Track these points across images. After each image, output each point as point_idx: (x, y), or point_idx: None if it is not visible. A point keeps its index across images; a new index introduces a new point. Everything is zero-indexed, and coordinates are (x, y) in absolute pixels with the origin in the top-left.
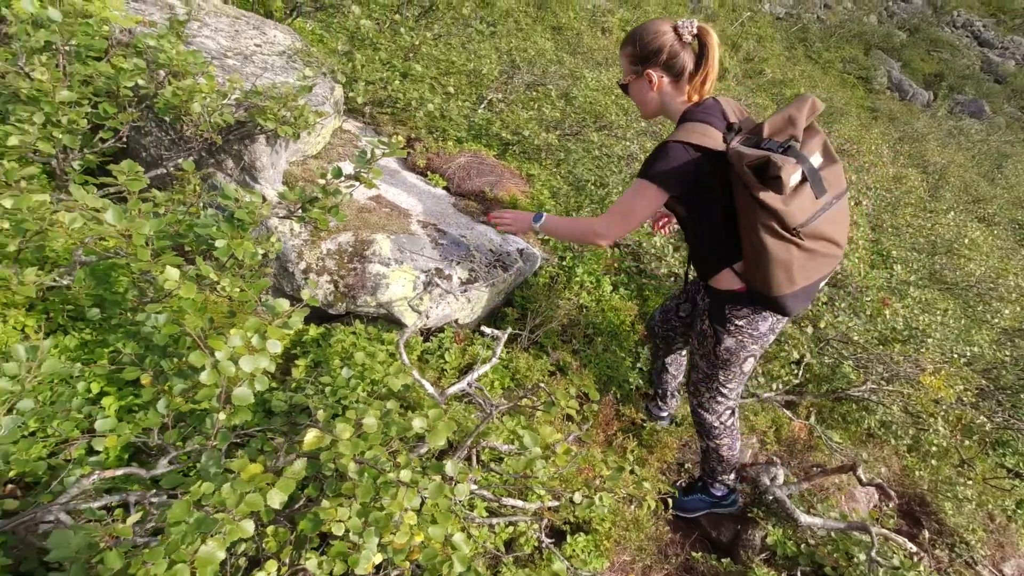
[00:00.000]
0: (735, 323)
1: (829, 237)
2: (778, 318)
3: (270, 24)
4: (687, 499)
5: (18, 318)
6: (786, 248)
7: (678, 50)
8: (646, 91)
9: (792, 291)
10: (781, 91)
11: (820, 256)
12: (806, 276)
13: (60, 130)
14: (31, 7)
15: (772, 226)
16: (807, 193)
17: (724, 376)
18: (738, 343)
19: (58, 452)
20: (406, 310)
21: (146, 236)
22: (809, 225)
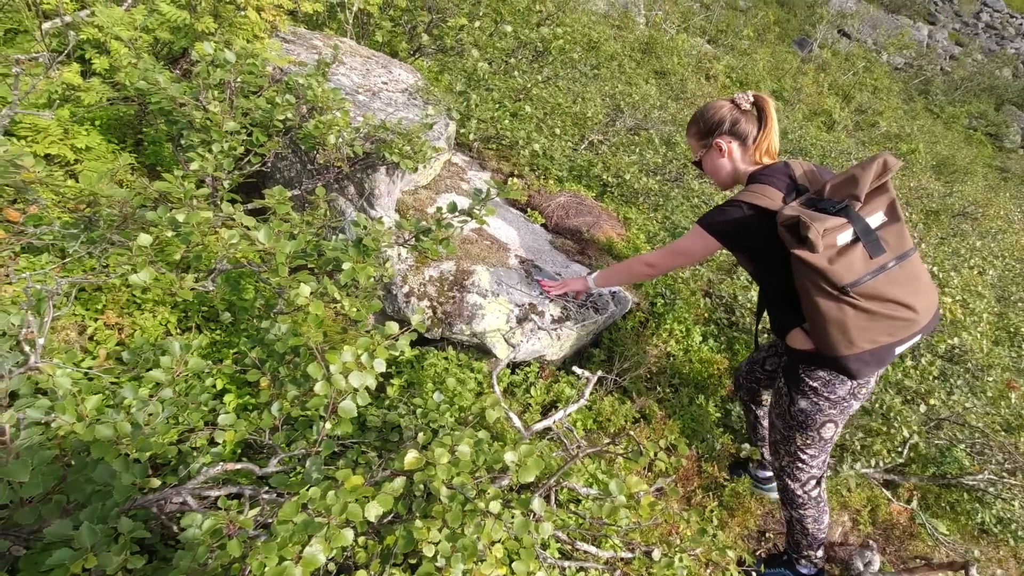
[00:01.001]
0: (810, 384)
1: (894, 299)
2: (858, 382)
3: (396, 63)
4: (770, 572)
5: (164, 315)
6: (839, 308)
7: (739, 117)
8: (717, 159)
9: (853, 352)
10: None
11: (885, 319)
12: (870, 339)
13: (224, 155)
14: (210, 48)
15: (820, 285)
16: (859, 253)
17: (801, 440)
18: (813, 405)
19: (185, 440)
20: (499, 341)
21: (286, 255)
22: (862, 285)
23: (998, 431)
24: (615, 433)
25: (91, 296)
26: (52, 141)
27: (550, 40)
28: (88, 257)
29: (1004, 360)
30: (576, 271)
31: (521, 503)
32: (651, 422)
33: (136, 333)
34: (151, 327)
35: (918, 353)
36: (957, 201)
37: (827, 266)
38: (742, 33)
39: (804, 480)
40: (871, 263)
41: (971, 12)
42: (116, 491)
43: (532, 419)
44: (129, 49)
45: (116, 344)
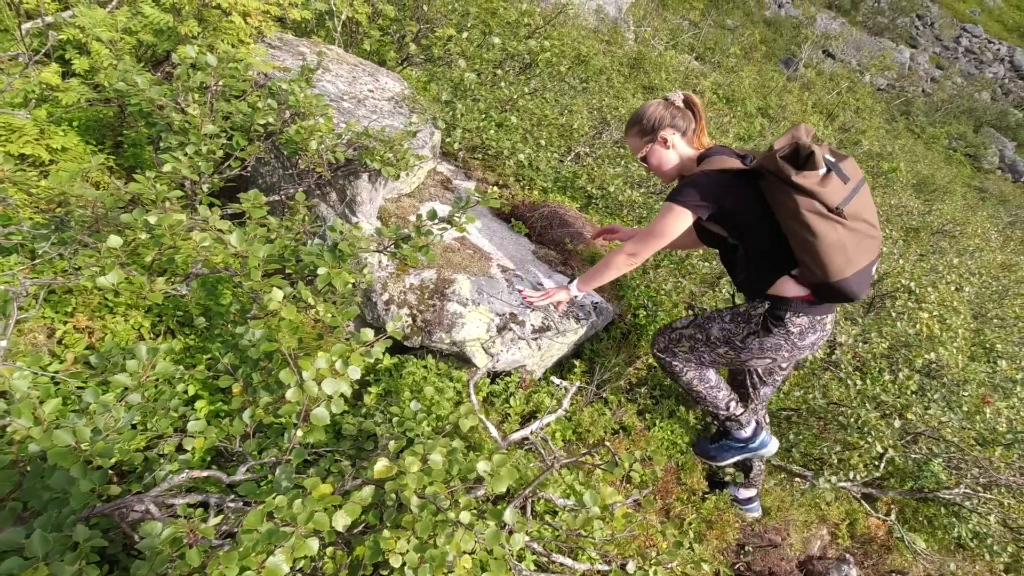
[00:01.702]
0: (788, 328)
1: (866, 219)
2: (823, 334)
3: (383, 72)
4: (713, 446)
5: (137, 318)
6: (834, 228)
7: (676, 112)
8: (663, 152)
9: (853, 272)
10: (878, 163)
11: (865, 237)
12: (860, 258)
13: (201, 158)
14: (193, 52)
15: (817, 208)
16: (835, 179)
17: (725, 352)
18: (774, 346)
19: (152, 446)
20: (478, 351)
21: (260, 259)
22: (847, 205)
23: (973, 446)
24: (594, 444)
25: (61, 298)
26: (27, 141)
27: (538, 53)
28: (59, 259)
29: (979, 376)
30: (559, 281)
31: (494, 514)
32: (631, 434)
33: (107, 337)
34: (123, 331)
35: (896, 367)
36: (936, 219)
37: (820, 189)
38: (729, 51)
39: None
40: (846, 187)
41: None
42: (73, 498)
43: (511, 429)
44: (110, 50)
45: (85, 348)
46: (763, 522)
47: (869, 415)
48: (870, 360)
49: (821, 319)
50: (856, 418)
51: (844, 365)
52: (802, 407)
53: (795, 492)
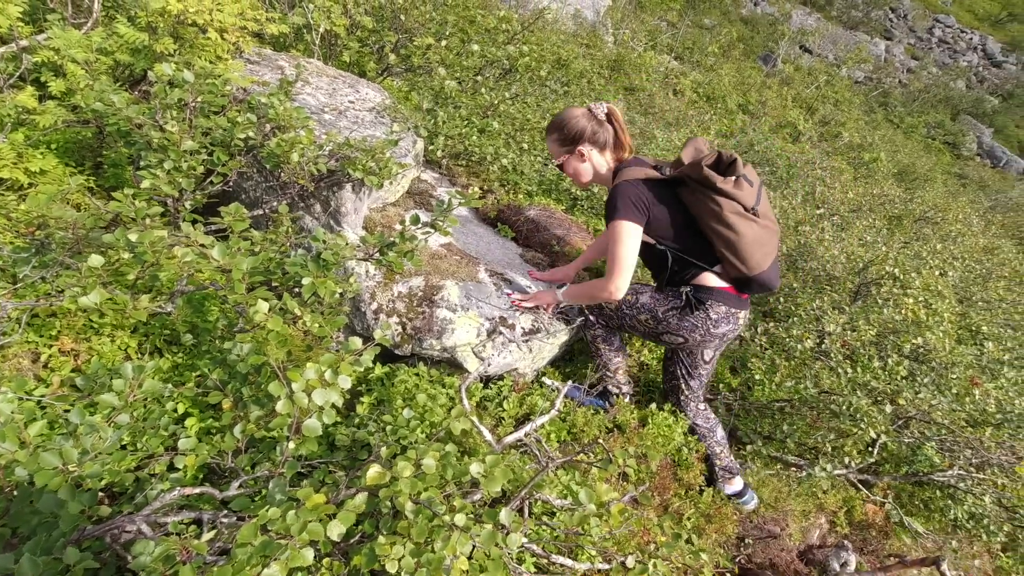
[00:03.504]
0: (709, 314)
1: (767, 215)
2: (734, 327)
3: (363, 83)
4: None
5: (123, 339)
6: (751, 226)
7: (597, 127)
8: (579, 164)
9: (768, 265)
10: (859, 155)
11: (772, 233)
12: (773, 251)
13: (181, 175)
14: (169, 69)
15: (737, 209)
16: (744, 183)
17: (646, 322)
18: (690, 326)
19: (143, 466)
20: (469, 356)
21: (243, 272)
22: (758, 206)
23: (964, 427)
24: (588, 443)
25: (45, 322)
26: (4, 165)
27: (517, 58)
28: (41, 282)
29: (967, 358)
30: (548, 284)
31: (490, 515)
32: (625, 431)
33: (93, 359)
34: (109, 352)
35: (885, 353)
36: (918, 207)
37: (738, 192)
38: (707, 50)
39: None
40: (753, 189)
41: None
42: (62, 521)
43: (505, 432)
44: (86, 71)
45: (72, 371)
46: (762, 513)
47: (860, 402)
48: (859, 348)
49: (736, 312)
50: (848, 405)
51: (834, 354)
52: (794, 397)
53: (792, 482)
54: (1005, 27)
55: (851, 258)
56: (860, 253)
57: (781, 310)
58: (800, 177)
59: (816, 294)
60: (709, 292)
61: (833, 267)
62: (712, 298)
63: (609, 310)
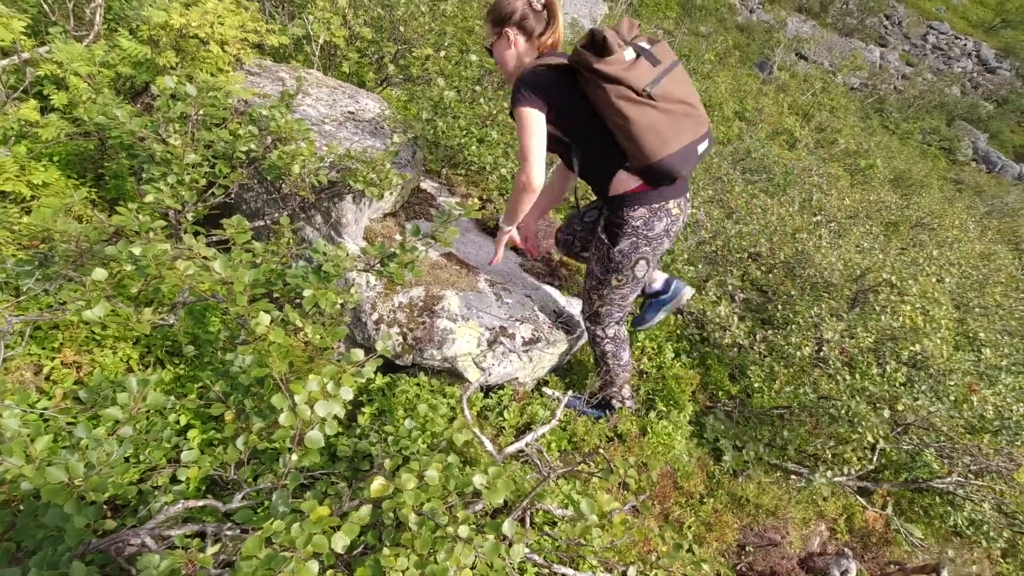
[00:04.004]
0: (632, 224)
1: (681, 98)
2: (672, 219)
3: (363, 93)
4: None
5: (125, 351)
6: (645, 111)
7: (528, 13)
8: (505, 49)
9: (670, 152)
10: (855, 161)
11: (681, 117)
12: (678, 137)
13: (184, 187)
14: (171, 82)
15: (625, 93)
16: (644, 64)
17: (617, 281)
18: (632, 245)
19: (146, 478)
20: (470, 366)
21: (245, 284)
22: (656, 86)
23: (963, 434)
24: (588, 453)
25: (47, 334)
26: (7, 178)
27: None
28: (44, 295)
29: (964, 364)
30: (547, 293)
31: (492, 526)
32: (625, 440)
33: (95, 371)
34: (111, 364)
35: (883, 360)
36: (915, 213)
37: (625, 74)
38: (704, 57)
39: (607, 324)
40: (655, 70)
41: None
42: (68, 535)
43: (506, 442)
44: (88, 84)
45: (74, 383)
46: (762, 521)
47: (859, 406)
48: (857, 355)
49: (661, 206)
50: (847, 410)
51: (832, 361)
52: (794, 404)
53: (791, 490)
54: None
55: (848, 265)
56: (857, 260)
57: (779, 317)
58: (797, 184)
59: (814, 301)
60: (620, 202)
61: (831, 274)
62: (625, 206)
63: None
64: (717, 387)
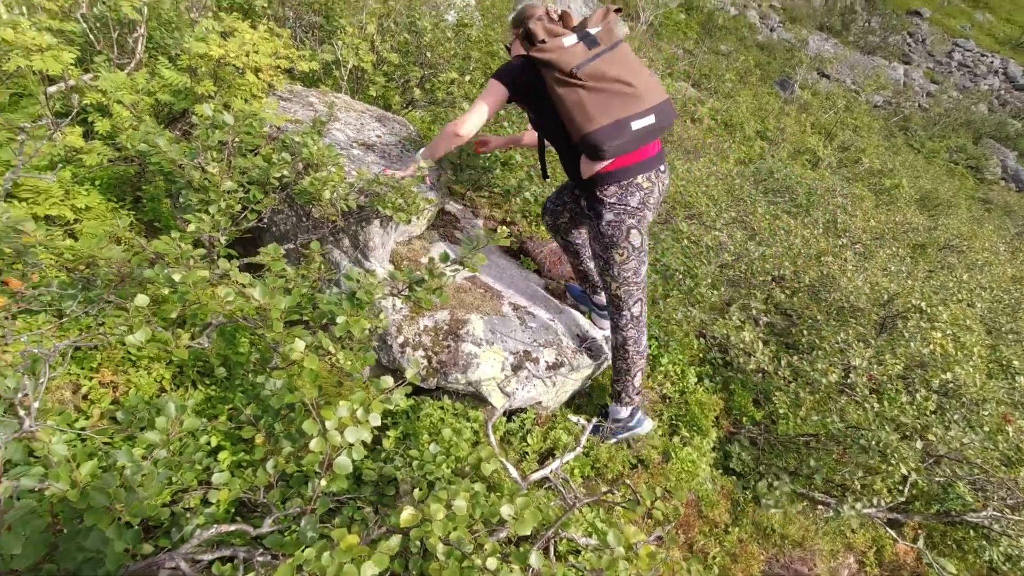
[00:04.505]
0: (608, 201)
1: (614, 77)
2: (645, 192)
3: (389, 116)
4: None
5: (159, 371)
6: (573, 91)
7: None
8: (518, 48)
9: (596, 127)
10: (880, 181)
11: (612, 95)
12: (606, 112)
13: (220, 213)
14: (209, 111)
15: (555, 75)
16: (580, 47)
17: (618, 256)
18: (616, 216)
19: (178, 499)
20: (494, 390)
21: (281, 311)
22: (585, 68)
23: (998, 466)
24: (613, 480)
25: (86, 354)
26: (53, 202)
27: None
28: (85, 316)
29: (998, 393)
30: (571, 317)
31: (518, 557)
32: (649, 467)
33: (131, 391)
34: (145, 384)
35: (913, 388)
36: (942, 234)
37: (555, 58)
38: (724, 77)
39: (630, 304)
40: (589, 52)
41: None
42: (108, 559)
43: (529, 468)
44: (131, 112)
45: (111, 403)
46: (789, 553)
47: (889, 437)
48: (886, 382)
49: (630, 181)
50: (876, 441)
51: (860, 388)
52: (820, 432)
53: (819, 520)
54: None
55: (875, 289)
56: (884, 284)
57: (805, 343)
58: (820, 205)
59: (840, 326)
60: (591, 185)
61: (857, 299)
62: (596, 186)
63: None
64: (741, 412)
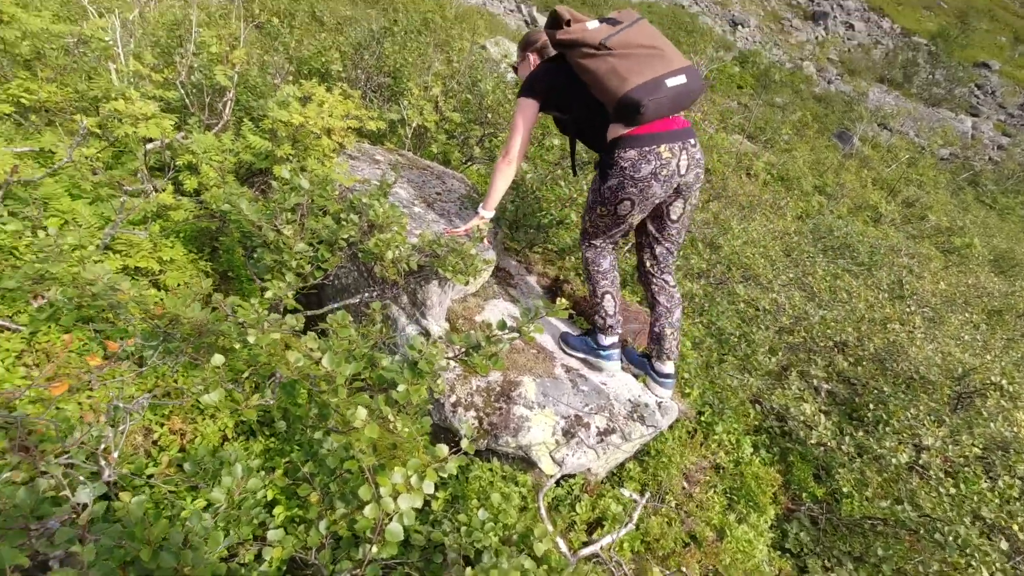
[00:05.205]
0: (620, 164)
1: (640, 43)
2: (662, 163)
3: (449, 174)
4: (574, 337)
5: (223, 420)
6: (604, 60)
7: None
8: (525, 69)
9: (632, 87)
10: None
11: (642, 58)
12: (639, 73)
13: (291, 272)
14: (287, 173)
15: (584, 51)
16: (603, 27)
17: (600, 211)
18: (619, 183)
19: (234, 553)
20: (544, 455)
21: (346, 377)
22: (612, 39)
23: None
24: (664, 557)
25: (159, 401)
26: (143, 255)
27: None
28: (162, 365)
29: None
30: (623, 380)
31: None
32: (702, 545)
33: (197, 439)
34: (211, 433)
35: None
36: (1021, 299)
37: (581, 36)
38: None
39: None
40: (612, 29)
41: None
42: None
43: (577, 539)
44: (216, 173)
45: (178, 451)
46: None
47: (969, 533)
48: (963, 464)
49: (650, 148)
50: (955, 536)
51: (934, 470)
52: (889, 517)
53: None
54: None
55: (947, 360)
56: (958, 356)
57: (871, 416)
58: (884, 265)
59: (910, 401)
60: (613, 146)
61: (928, 370)
62: (616, 148)
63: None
64: (801, 488)
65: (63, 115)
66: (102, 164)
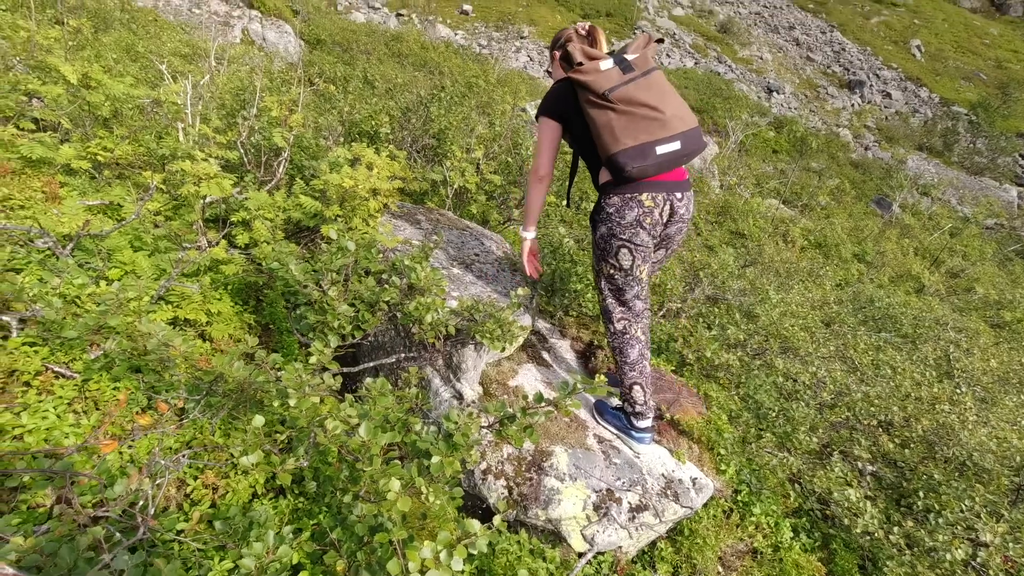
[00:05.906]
0: (607, 211)
1: (643, 102)
2: (644, 210)
3: (487, 235)
4: (609, 410)
5: (255, 475)
6: (603, 113)
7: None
8: (556, 68)
9: (621, 148)
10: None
11: (640, 119)
12: (632, 136)
13: (333, 334)
14: (334, 234)
15: (589, 98)
16: (615, 71)
17: (605, 268)
18: (608, 230)
19: None
20: (574, 531)
21: (381, 447)
22: (617, 91)
23: None
24: None
25: (196, 454)
26: (193, 307)
27: None
28: (202, 418)
29: None
30: (656, 455)
31: None
32: None
33: (228, 495)
34: (242, 488)
35: None
36: None
37: (590, 80)
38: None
39: (613, 319)
40: (623, 77)
41: None
42: None
43: None
44: (267, 230)
45: (209, 505)
46: None
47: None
48: None
49: (633, 196)
50: None
51: (993, 570)
52: None
53: None
54: None
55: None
56: (1015, 442)
57: (920, 506)
58: (930, 338)
59: (964, 491)
60: (602, 192)
61: (982, 457)
62: (603, 195)
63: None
64: None
65: (132, 170)
66: (163, 218)
